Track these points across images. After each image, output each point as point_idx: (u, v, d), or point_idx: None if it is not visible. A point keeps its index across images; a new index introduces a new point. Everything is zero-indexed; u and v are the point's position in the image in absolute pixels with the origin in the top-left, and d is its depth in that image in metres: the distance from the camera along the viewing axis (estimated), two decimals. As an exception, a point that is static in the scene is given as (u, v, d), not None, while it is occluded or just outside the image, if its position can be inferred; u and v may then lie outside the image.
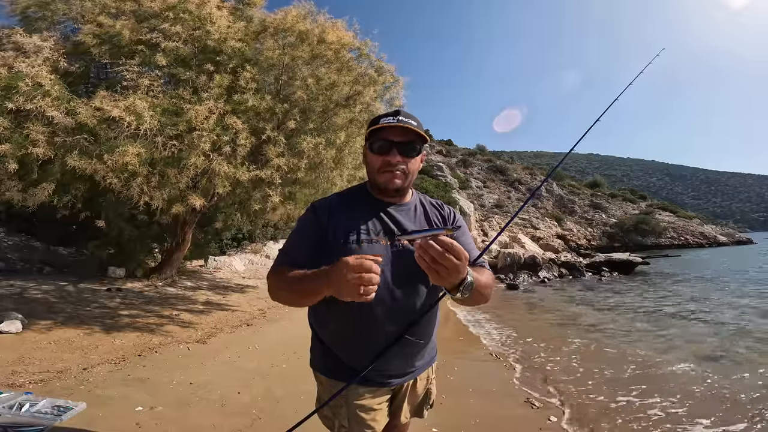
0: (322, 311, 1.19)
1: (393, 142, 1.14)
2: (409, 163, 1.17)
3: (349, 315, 1.11)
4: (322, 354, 1.22)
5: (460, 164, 42.43)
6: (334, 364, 1.19)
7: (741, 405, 3.51)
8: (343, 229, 1.13)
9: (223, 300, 6.74)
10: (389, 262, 1.12)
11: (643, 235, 35.62)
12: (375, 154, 1.17)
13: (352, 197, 1.24)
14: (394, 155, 1.14)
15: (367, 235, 1.13)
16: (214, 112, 4.73)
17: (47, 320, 4.38)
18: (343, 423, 1.16)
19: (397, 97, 6.63)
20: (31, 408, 2.26)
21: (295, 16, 5.66)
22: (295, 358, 3.89)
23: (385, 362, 1.14)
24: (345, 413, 1.15)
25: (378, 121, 1.16)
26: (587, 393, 3.74)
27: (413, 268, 0.98)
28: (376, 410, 1.18)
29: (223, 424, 2.46)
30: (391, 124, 1.13)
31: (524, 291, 11.73)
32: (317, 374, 1.25)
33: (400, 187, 1.18)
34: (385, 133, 1.15)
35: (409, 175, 1.18)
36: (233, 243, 14.35)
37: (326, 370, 1.21)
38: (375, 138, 1.17)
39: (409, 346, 1.17)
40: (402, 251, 1.14)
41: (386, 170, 1.16)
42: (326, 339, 1.21)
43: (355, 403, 1.15)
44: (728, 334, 6.27)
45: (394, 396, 1.26)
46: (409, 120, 1.14)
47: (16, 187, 4.34)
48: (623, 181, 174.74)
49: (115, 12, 5.42)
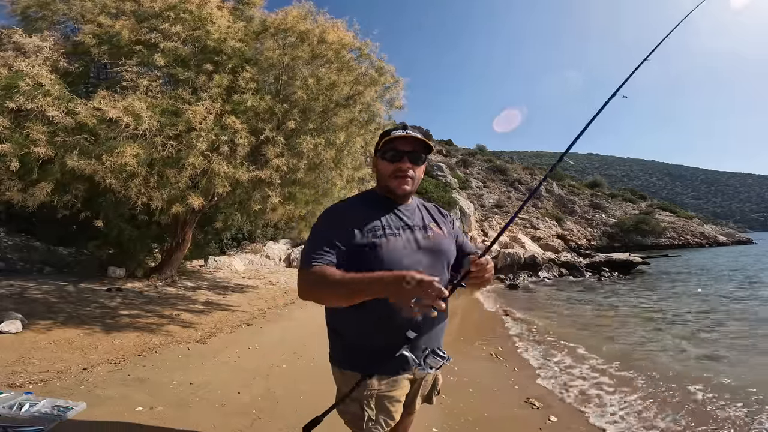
0: (349, 308, 1.24)
1: (404, 152, 1.31)
2: (417, 170, 1.35)
3: (375, 304, 1.16)
4: (348, 350, 1.28)
5: (460, 164, 42.41)
6: (362, 359, 1.24)
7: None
8: (367, 226, 1.26)
9: (223, 300, 6.74)
10: (414, 252, 1.28)
11: (643, 235, 35.61)
12: (387, 161, 1.33)
13: (366, 200, 1.38)
14: (405, 162, 1.31)
15: (390, 230, 1.28)
16: (212, 112, 4.73)
17: (47, 320, 4.38)
18: (371, 416, 1.20)
19: (397, 97, 6.63)
20: (31, 408, 2.25)
21: (296, 16, 5.66)
22: (295, 358, 3.89)
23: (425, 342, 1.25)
24: (374, 405, 1.21)
25: (389, 134, 1.33)
26: (588, 393, 3.74)
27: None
28: (400, 402, 1.28)
29: (223, 424, 2.46)
30: (401, 135, 1.30)
31: (524, 291, 11.73)
32: (341, 370, 1.29)
33: (409, 192, 1.35)
34: (396, 144, 1.31)
35: (416, 180, 1.35)
36: (233, 243, 14.35)
37: (355, 365, 1.25)
38: (387, 148, 1.33)
39: (435, 329, 1.29)
40: (422, 241, 1.31)
41: (397, 176, 1.31)
42: (353, 333, 1.27)
43: (383, 395, 1.22)
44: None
45: (411, 384, 1.33)
46: (416, 132, 1.32)
47: (16, 186, 4.34)
48: (623, 181, 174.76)
49: (116, 12, 5.42)
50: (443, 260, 1.34)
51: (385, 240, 1.24)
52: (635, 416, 3.27)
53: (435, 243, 1.33)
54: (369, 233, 1.24)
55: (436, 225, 1.39)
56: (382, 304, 1.14)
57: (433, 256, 1.30)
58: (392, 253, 1.22)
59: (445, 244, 1.37)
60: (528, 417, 3.12)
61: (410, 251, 1.26)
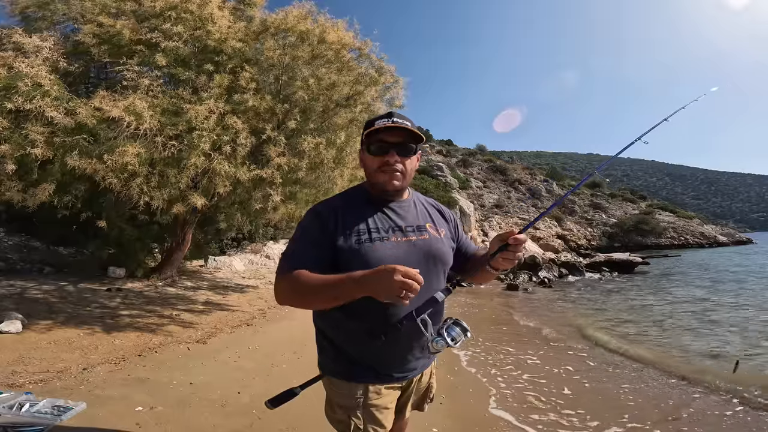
0: (335, 311, 1.18)
1: (390, 143, 1.17)
2: (406, 163, 1.21)
3: (370, 313, 1.13)
4: (336, 357, 1.22)
5: (460, 164, 42.40)
6: (350, 366, 1.19)
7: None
8: (353, 230, 1.16)
9: (223, 300, 6.73)
10: (404, 256, 1.16)
11: (643, 235, 35.61)
12: (372, 155, 1.20)
13: (355, 198, 1.26)
14: (392, 155, 1.17)
15: (377, 233, 1.17)
16: (215, 112, 4.73)
17: (47, 320, 4.38)
18: (359, 425, 1.16)
19: (397, 97, 6.63)
20: (31, 408, 2.25)
21: (296, 16, 5.66)
22: (295, 358, 3.89)
23: (407, 352, 1.20)
24: (361, 414, 1.16)
25: (373, 124, 1.18)
26: (587, 393, 3.73)
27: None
28: (389, 409, 1.21)
29: (223, 424, 2.45)
30: (387, 125, 1.16)
31: (524, 291, 11.72)
32: (331, 379, 1.23)
33: (400, 187, 1.22)
34: (381, 135, 1.18)
35: (406, 174, 1.22)
36: (233, 243, 14.35)
37: (342, 372, 1.20)
38: (371, 140, 1.19)
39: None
40: (413, 245, 1.20)
41: (384, 170, 1.18)
42: (342, 340, 1.21)
43: (370, 403, 1.17)
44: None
45: (402, 392, 1.28)
46: (404, 121, 1.17)
47: (16, 187, 4.34)
48: (623, 181, 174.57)
49: (116, 12, 5.41)
50: (438, 264, 1.23)
51: (370, 245, 1.14)
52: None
53: (429, 246, 1.22)
54: (353, 237, 1.14)
55: (433, 226, 1.28)
56: (371, 311, 1.11)
57: (426, 261, 1.18)
58: (378, 259, 1.10)
59: (441, 248, 1.25)
60: (528, 417, 3.11)
61: (399, 256, 1.14)
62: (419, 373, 1.29)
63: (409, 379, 1.27)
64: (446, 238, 1.30)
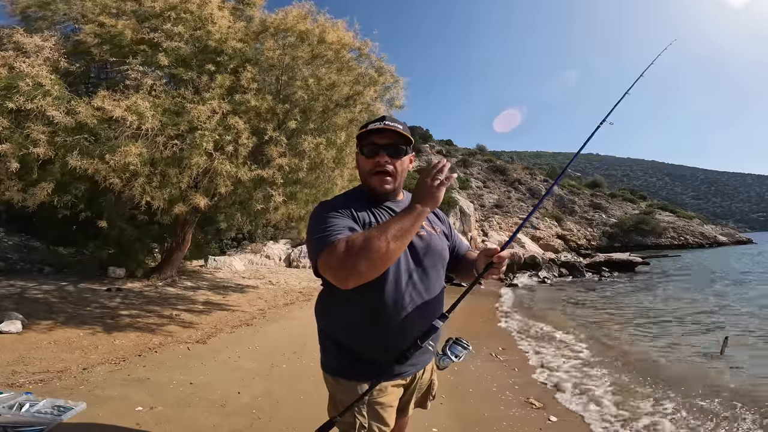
0: (338, 308, 1.23)
1: (380, 145, 1.24)
2: (397, 164, 1.26)
3: (373, 307, 1.16)
4: (338, 355, 1.23)
5: (460, 164, 42.42)
6: (353, 364, 1.21)
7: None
8: (361, 223, 1.20)
9: (223, 300, 6.74)
10: (407, 253, 1.21)
11: (643, 235, 35.60)
12: (366, 157, 1.26)
13: (356, 197, 1.30)
14: (382, 156, 1.23)
15: None
16: (218, 112, 4.74)
17: (47, 320, 4.39)
18: (363, 423, 1.16)
19: (397, 97, 6.62)
20: (31, 408, 2.25)
21: (296, 16, 5.66)
22: (295, 358, 3.89)
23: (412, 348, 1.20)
24: (366, 412, 1.17)
25: (366, 126, 1.25)
26: (588, 393, 3.74)
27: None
28: (393, 407, 1.23)
29: (223, 424, 2.46)
30: (377, 127, 1.22)
31: (524, 291, 11.72)
32: (335, 378, 1.23)
33: (391, 190, 1.28)
34: (373, 138, 1.24)
35: (397, 175, 1.27)
36: (233, 243, 14.36)
37: (346, 370, 1.22)
38: (364, 142, 1.27)
39: (429, 331, 1.17)
40: (417, 242, 1.24)
41: (377, 172, 1.25)
42: (344, 338, 1.23)
43: (375, 401, 1.18)
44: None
45: (405, 390, 1.30)
46: (395, 124, 1.23)
47: (16, 186, 4.34)
48: (623, 181, 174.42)
49: (116, 12, 5.42)
50: (437, 260, 1.29)
51: None
52: (633, 415, 3.27)
53: (428, 242, 1.27)
54: (363, 228, 1.18)
55: (430, 224, 1.33)
56: (375, 310, 1.14)
57: (427, 256, 1.25)
58: None
59: (439, 244, 1.31)
60: (528, 417, 3.12)
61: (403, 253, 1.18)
62: (422, 368, 1.32)
63: (412, 375, 1.29)
64: (442, 235, 1.37)
